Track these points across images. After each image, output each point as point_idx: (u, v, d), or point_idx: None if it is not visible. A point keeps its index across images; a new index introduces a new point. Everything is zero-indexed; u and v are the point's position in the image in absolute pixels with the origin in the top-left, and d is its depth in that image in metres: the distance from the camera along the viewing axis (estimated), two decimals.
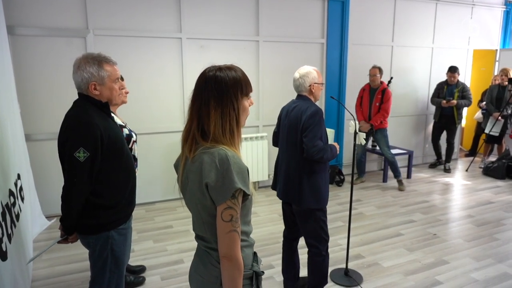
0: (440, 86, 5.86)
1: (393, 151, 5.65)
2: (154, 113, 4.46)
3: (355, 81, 5.49)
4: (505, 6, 6.84)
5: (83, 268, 3.14)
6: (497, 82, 6.11)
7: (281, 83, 5.04)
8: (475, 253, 3.43)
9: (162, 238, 3.71)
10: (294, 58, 5.12)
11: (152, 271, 3.11)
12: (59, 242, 1.93)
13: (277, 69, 5.07)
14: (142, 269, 3.08)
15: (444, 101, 5.66)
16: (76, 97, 1.89)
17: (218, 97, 1.24)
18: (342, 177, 5.42)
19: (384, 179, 5.55)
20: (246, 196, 1.25)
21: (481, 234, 3.81)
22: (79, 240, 1.95)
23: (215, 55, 4.65)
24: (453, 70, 5.68)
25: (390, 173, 5.88)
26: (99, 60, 1.82)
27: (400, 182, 5.23)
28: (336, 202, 4.71)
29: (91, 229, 1.85)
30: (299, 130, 2.38)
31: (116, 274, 1.94)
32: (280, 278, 2.90)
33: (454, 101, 5.63)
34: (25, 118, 3.85)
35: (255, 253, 1.40)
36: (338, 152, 2.52)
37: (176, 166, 1.41)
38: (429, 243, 3.62)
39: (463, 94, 5.70)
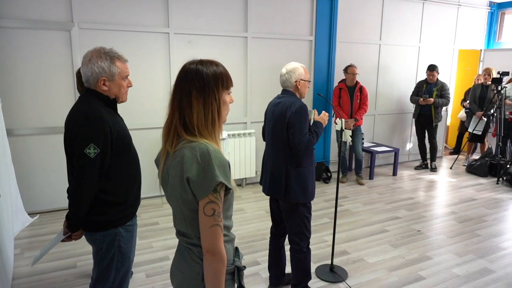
0: (420, 85, 5.92)
1: (379, 149, 5.73)
2: (141, 109, 4.41)
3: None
4: (489, 7, 6.97)
5: (66, 266, 3.09)
6: (480, 81, 6.22)
7: (270, 80, 5.04)
8: (457, 249, 3.50)
9: (148, 235, 3.68)
10: (283, 55, 5.12)
11: (137, 268, 3.08)
12: (62, 240, 1.87)
13: (266, 66, 5.06)
14: None
15: (421, 99, 5.72)
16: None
17: (200, 87, 1.24)
18: (329, 174, 5.46)
19: (371, 176, 5.61)
20: (227, 190, 1.25)
21: (463, 231, 3.89)
22: (69, 237, 1.90)
23: (203, 50, 4.61)
24: (432, 68, 5.71)
25: (377, 170, 5.96)
26: (111, 56, 1.78)
27: (360, 177, 5.39)
28: (323, 198, 4.75)
29: (99, 225, 1.81)
30: (284, 126, 2.39)
31: (121, 272, 1.90)
32: (266, 274, 2.91)
33: (431, 99, 5.65)
34: (7, 113, 3.76)
35: (236, 248, 1.40)
36: (326, 123, 2.54)
37: (157, 161, 1.40)
38: (413, 239, 3.67)
39: (442, 93, 5.75)
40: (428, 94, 5.73)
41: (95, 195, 1.76)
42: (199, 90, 1.24)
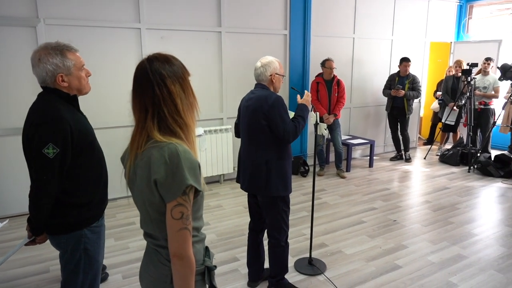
0: (392, 78, 6.01)
1: (355, 141, 5.80)
2: (111, 107, 4.29)
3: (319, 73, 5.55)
4: (458, 1, 7.14)
5: (39, 271, 2.99)
6: (451, 73, 6.38)
7: (245, 75, 5.00)
8: (432, 236, 3.59)
9: (124, 236, 3.60)
10: (258, 50, 5.09)
11: (113, 270, 3.01)
12: (26, 244, 1.81)
13: (241, 61, 5.02)
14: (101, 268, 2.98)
15: (393, 90, 5.81)
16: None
17: (172, 74, 1.21)
18: (306, 168, 5.48)
19: (348, 169, 5.68)
20: (197, 192, 1.21)
21: (437, 219, 3.99)
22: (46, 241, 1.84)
23: (176, 46, 4.53)
24: (407, 59, 5.81)
25: (354, 162, 6.04)
26: (60, 50, 1.69)
27: (341, 171, 5.44)
28: (301, 192, 4.77)
29: (62, 228, 1.74)
30: (262, 119, 2.37)
31: (89, 275, 1.84)
32: (245, 270, 2.90)
33: (402, 91, 5.74)
34: None
35: (207, 248, 1.37)
36: (310, 103, 2.55)
37: (123, 159, 1.35)
38: (390, 229, 3.74)
39: (413, 85, 5.85)
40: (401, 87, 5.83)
41: (56, 196, 1.69)
42: (172, 76, 1.21)
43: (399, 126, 6.13)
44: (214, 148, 4.87)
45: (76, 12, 3.98)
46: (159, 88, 1.19)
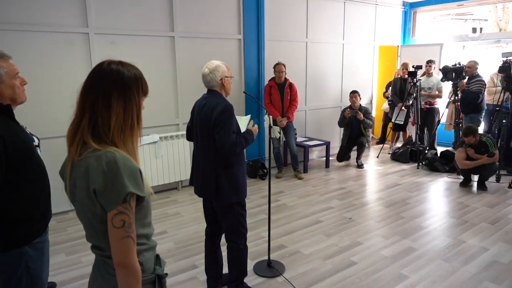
0: (344, 111, 6.06)
1: (311, 143, 5.93)
2: (58, 115, 4.06)
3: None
4: (403, 7, 7.55)
5: None
6: (399, 75, 6.72)
7: (200, 80, 4.89)
8: (384, 232, 3.74)
9: (76, 250, 3.44)
10: (212, 55, 5.06)
11: (65, 286, 2.86)
12: None
13: (195, 66, 4.97)
14: (51, 286, 2.82)
15: (348, 110, 5.90)
16: None
17: (122, 90, 1.19)
18: (265, 171, 5.53)
19: (305, 170, 5.79)
20: (141, 199, 1.19)
21: (390, 214, 4.17)
22: None
23: (128, 51, 4.41)
24: (354, 92, 5.99)
25: (311, 163, 6.17)
26: None
27: (298, 172, 5.54)
28: (260, 195, 4.80)
29: (0, 246, 1.62)
30: (210, 127, 2.36)
31: None
32: (203, 277, 2.86)
33: (361, 114, 5.85)
34: None
35: (157, 256, 1.35)
36: (256, 135, 2.55)
37: (61, 173, 1.29)
38: (345, 227, 3.85)
39: (366, 116, 5.96)
40: (354, 120, 5.95)
41: None
42: (121, 93, 1.19)
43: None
44: (171, 155, 4.78)
45: (17, 16, 3.75)
46: (102, 97, 1.18)
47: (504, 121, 5.29)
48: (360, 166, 6.12)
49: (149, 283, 1.26)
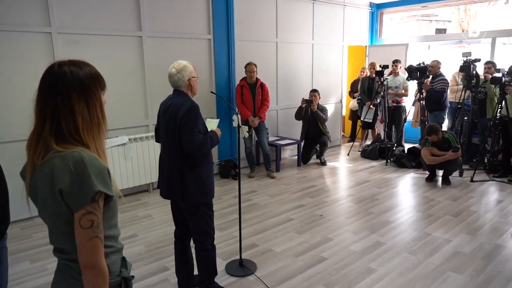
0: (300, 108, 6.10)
1: (283, 142, 5.98)
2: (18, 118, 3.88)
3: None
4: (370, 8, 7.74)
5: None
6: (364, 74, 6.89)
7: None
8: (354, 227, 3.82)
9: (42, 257, 3.32)
10: (182, 55, 5.02)
11: None
12: None
13: (165, 66, 4.79)
14: None
15: (303, 99, 5.93)
16: None
17: (80, 89, 1.17)
18: (237, 171, 5.52)
19: (277, 169, 5.84)
20: (109, 198, 1.18)
21: (359, 210, 4.27)
22: None
23: (94, 51, 4.30)
24: (315, 90, 6.01)
25: (283, 162, 6.22)
26: None
27: (271, 171, 5.59)
28: (232, 195, 4.80)
29: None
30: (176, 127, 2.34)
31: None
32: (175, 279, 2.83)
33: (315, 105, 5.90)
34: None
35: (123, 258, 1.33)
36: (219, 137, 2.55)
37: (22, 174, 1.25)
38: (316, 224, 3.91)
39: (321, 111, 6.02)
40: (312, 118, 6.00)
41: None
42: (80, 93, 1.16)
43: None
44: (141, 156, 4.70)
45: None
46: (62, 100, 1.15)
47: (465, 118, 5.53)
48: (323, 163, 6.20)
49: (115, 286, 1.24)
